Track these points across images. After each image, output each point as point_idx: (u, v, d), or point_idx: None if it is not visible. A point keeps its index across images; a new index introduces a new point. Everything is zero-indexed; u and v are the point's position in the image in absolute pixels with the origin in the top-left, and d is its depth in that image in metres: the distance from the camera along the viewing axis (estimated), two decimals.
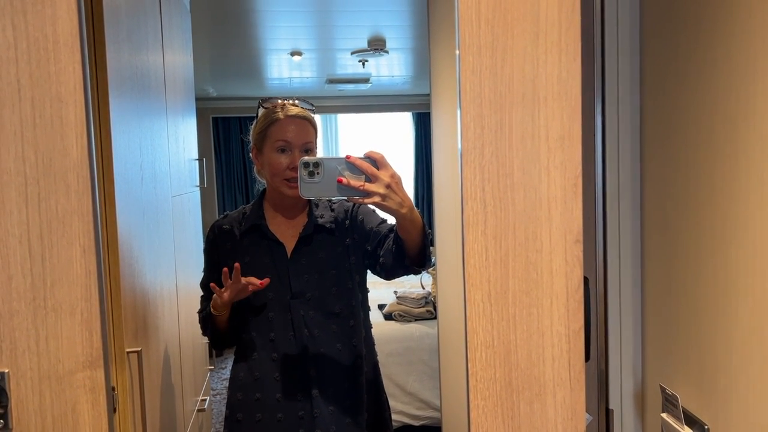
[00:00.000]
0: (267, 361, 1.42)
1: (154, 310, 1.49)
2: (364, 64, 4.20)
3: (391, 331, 3.42)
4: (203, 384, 2.36)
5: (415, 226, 1.19)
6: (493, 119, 0.88)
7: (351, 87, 5.27)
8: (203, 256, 1.52)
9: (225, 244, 1.47)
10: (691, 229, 1.09)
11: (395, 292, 3.67)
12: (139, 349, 1.25)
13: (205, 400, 2.26)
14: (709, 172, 1.03)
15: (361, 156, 1.08)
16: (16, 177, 0.84)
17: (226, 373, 4.40)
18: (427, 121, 6.06)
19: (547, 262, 0.90)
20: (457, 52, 0.88)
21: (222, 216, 1.53)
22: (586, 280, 0.94)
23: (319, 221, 1.45)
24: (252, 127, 1.48)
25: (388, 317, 3.53)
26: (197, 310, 1.53)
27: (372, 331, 1.54)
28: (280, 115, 1.41)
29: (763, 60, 0.89)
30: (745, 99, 0.93)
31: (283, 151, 1.39)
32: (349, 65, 4.34)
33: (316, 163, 1.06)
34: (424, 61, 4.24)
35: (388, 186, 1.08)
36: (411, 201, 1.13)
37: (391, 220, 1.22)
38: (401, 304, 3.54)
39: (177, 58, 2.02)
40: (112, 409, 0.90)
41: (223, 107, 5.96)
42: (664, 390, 1.17)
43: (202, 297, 1.53)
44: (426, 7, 2.14)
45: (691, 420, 1.10)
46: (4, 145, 0.84)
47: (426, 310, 3.49)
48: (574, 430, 0.93)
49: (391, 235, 1.32)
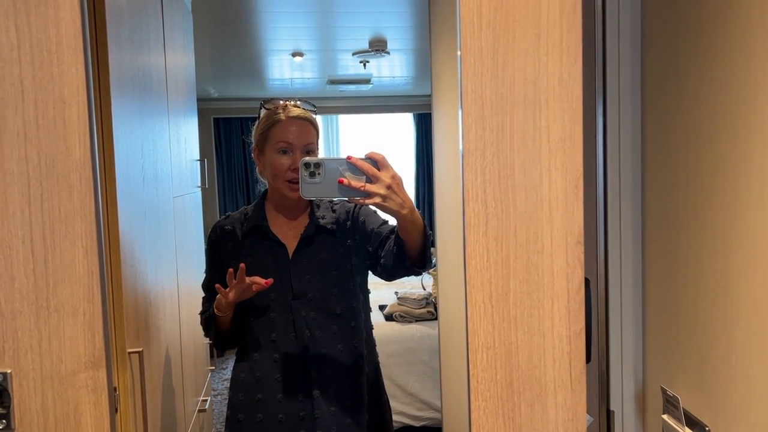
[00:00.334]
0: (268, 361, 1.42)
1: (155, 311, 1.49)
2: (365, 65, 4.20)
3: (392, 332, 3.42)
4: (204, 384, 2.36)
5: (415, 227, 1.19)
6: (494, 121, 0.88)
7: (352, 88, 5.27)
8: (205, 257, 1.52)
9: (226, 245, 1.47)
10: (692, 231, 1.09)
11: (396, 293, 3.67)
12: (141, 350, 1.25)
13: (206, 400, 2.26)
14: (710, 173, 1.03)
15: (362, 157, 1.08)
16: (19, 178, 0.84)
17: (227, 374, 4.40)
18: (428, 122, 6.07)
19: (548, 264, 0.90)
20: (458, 53, 0.88)
21: (224, 217, 1.53)
22: (587, 282, 0.94)
23: (321, 222, 1.45)
24: (254, 128, 1.48)
25: (389, 318, 3.54)
26: (199, 311, 1.53)
27: (373, 331, 1.54)
28: (282, 116, 1.41)
29: (764, 61, 0.89)
30: (745, 100, 0.93)
31: (284, 152, 1.39)
32: (350, 66, 4.34)
33: (317, 164, 1.06)
34: (425, 62, 4.24)
35: (389, 187, 1.08)
36: (412, 202, 1.13)
37: (392, 221, 1.22)
38: (402, 305, 3.54)
39: (178, 59, 2.02)
40: (114, 409, 0.90)
41: (224, 108, 5.97)
42: (665, 391, 1.17)
43: (204, 298, 1.53)
44: (427, 8, 2.15)
45: (692, 421, 1.10)
46: (7, 146, 0.84)
47: (427, 310, 3.49)
48: None
49: (393, 236, 1.32)
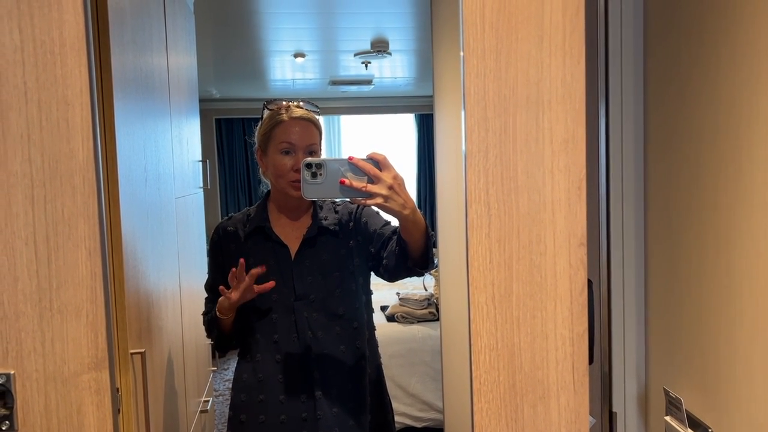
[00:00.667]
0: (271, 362, 1.42)
1: (157, 312, 1.49)
2: (367, 66, 4.20)
3: (394, 333, 3.42)
4: (206, 385, 2.36)
5: (417, 227, 1.19)
6: (497, 122, 0.88)
7: (354, 88, 5.28)
8: (207, 258, 1.52)
9: (229, 246, 1.47)
10: (695, 232, 1.09)
11: (398, 294, 3.67)
12: (143, 351, 1.25)
13: (207, 401, 2.26)
14: (713, 174, 1.03)
15: (364, 157, 1.09)
16: (23, 179, 0.84)
17: (229, 375, 4.40)
18: (430, 122, 6.07)
19: (551, 265, 0.90)
20: (461, 54, 0.88)
21: (227, 217, 1.53)
22: (589, 283, 0.94)
23: (323, 223, 1.45)
24: (257, 128, 1.48)
25: (391, 319, 3.54)
26: (202, 312, 1.53)
27: (375, 332, 1.54)
28: (285, 116, 1.41)
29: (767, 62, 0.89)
30: (749, 101, 0.93)
31: (287, 152, 1.39)
32: (352, 67, 4.34)
33: (319, 165, 1.07)
34: (426, 62, 4.24)
35: (391, 187, 1.08)
36: (414, 203, 1.13)
37: (395, 221, 1.22)
38: (404, 306, 3.54)
39: (181, 60, 2.02)
40: (117, 410, 0.90)
41: (226, 109, 5.98)
42: (667, 393, 1.17)
43: (207, 299, 1.53)
44: (429, 9, 2.15)
45: (694, 423, 1.10)
46: (11, 148, 0.84)
47: (428, 311, 3.49)
48: None
49: (395, 237, 1.32)
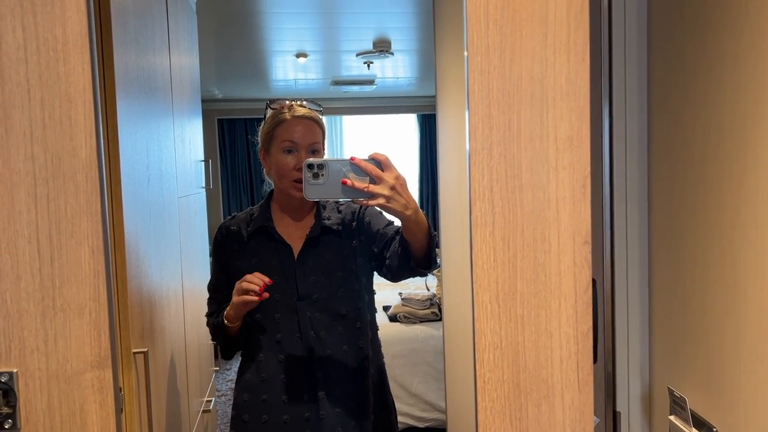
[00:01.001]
0: (273, 362, 1.42)
1: (160, 311, 1.49)
2: (369, 66, 4.20)
3: (396, 333, 3.41)
4: (209, 385, 2.36)
5: (420, 227, 1.19)
6: (501, 120, 0.88)
7: (356, 89, 5.28)
8: (210, 258, 1.52)
9: (232, 245, 1.47)
10: (699, 230, 1.09)
11: (400, 294, 3.67)
12: (146, 350, 1.25)
13: (210, 401, 2.26)
14: (717, 172, 1.03)
15: (366, 158, 1.08)
16: (26, 177, 0.84)
17: (232, 374, 4.40)
18: (432, 122, 6.07)
19: (555, 264, 0.90)
20: (465, 53, 0.88)
21: (230, 217, 1.53)
22: (593, 282, 0.93)
23: (326, 223, 1.45)
24: (260, 128, 1.48)
25: (393, 319, 3.53)
26: (206, 313, 1.53)
27: (378, 332, 1.54)
28: (287, 115, 1.41)
29: None
30: (754, 99, 0.93)
31: (289, 151, 1.39)
32: (354, 67, 4.34)
33: (321, 165, 1.06)
34: (429, 62, 4.24)
35: (393, 188, 1.07)
36: (416, 203, 1.13)
37: (398, 222, 1.21)
38: (406, 306, 3.53)
39: (183, 60, 2.02)
40: (120, 409, 0.90)
41: (228, 109, 5.98)
42: (671, 392, 1.16)
43: (209, 299, 1.53)
44: (431, 9, 2.14)
45: (699, 423, 1.09)
46: (14, 146, 0.84)
47: (431, 311, 3.49)
48: None
49: (398, 237, 1.32)
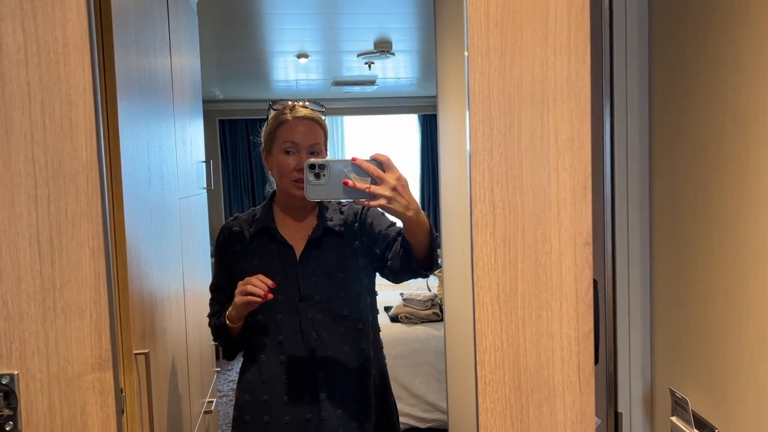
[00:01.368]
0: (275, 363, 1.42)
1: (161, 312, 1.49)
2: (370, 66, 4.20)
3: (398, 334, 3.41)
4: (210, 386, 2.36)
5: (421, 228, 1.18)
6: (502, 121, 0.88)
7: (357, 89, 5.28)
8: (212, 259, 1.52)
9: (234, 246, 1.47)
10: (701, 231, 1.08)
11: (402, 295, 3.67)
12: (147, 351, 1.25)
13: (211, 402, 2.26)
14: (719, 172, 1.03)
15: (367, 158, 1.08)
16: (26, 179, 0.84)
17: (233, 375, 4.40)
18: (433, 123, 6.07)
19: (556, 265, 0.90)
20: (465, 54, 0.88)
21: (232, 218, 1.53)
22: (595, 283, 0.93)
23: (329, 224, 1.45)
24: (262, 129, 1.48)
25: (395, 319, 3.53)
26: (207, 314, 1.53)
27: (380, 333, 1.54)
28: (289, 116, 1.41)
29: None
30: (755, 99, 0.93)
31: (290, 152, 1.39)
32: (355, 67, 4.34)
33: (322, 165, 1.06)
34: (430, 63, 4.23)
35: (394, 189, 1.07)
36: (417, 204, 1.13)
37: (401, 223, 1.21)
38: (407, 306, 3.53)
39: (184, 61, 2.02)
40: (121, 410, 0.90)
41: (229, 109, 5.98)
42: (673, 393, 1.16)
43: (212, 300, 1.53)
44: (432, 9, 2.14)
45: (701, 423, 1.09)
46: (14, 147, 0.84)
47: (432, 312, 3.49)
48: None
49: (400, 238, 1.32)
